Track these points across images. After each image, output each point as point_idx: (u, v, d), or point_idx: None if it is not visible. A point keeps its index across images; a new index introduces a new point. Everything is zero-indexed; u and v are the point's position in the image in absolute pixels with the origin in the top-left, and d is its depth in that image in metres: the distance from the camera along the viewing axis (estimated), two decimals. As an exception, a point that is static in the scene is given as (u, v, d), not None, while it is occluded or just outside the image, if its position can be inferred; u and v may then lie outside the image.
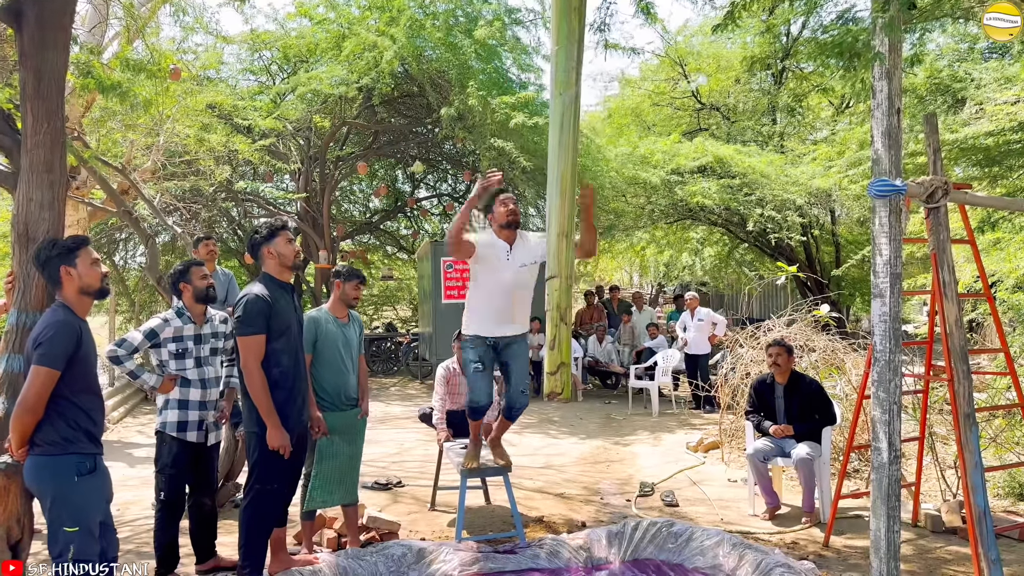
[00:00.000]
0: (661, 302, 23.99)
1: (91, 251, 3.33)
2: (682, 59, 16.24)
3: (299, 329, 4.08)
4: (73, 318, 3.22)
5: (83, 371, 3.22)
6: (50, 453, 3.13)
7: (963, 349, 4.14)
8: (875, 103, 3.61)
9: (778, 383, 5.82)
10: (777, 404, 5.80)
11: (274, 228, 4.00)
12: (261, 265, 4.04)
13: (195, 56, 11.47)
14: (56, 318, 3.18)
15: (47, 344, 3.10)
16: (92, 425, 3.25)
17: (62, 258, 3.25)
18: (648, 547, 4.49)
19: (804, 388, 5.76)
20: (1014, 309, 6.56)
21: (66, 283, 3.25)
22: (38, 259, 3.31)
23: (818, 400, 5.70)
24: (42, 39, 3.99)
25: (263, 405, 3.78)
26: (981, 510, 3.96)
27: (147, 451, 7.87)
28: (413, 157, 15.12)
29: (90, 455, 3.21)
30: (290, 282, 4.09)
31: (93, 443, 3.24)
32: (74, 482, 3.14)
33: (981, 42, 9.48)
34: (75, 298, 3.27)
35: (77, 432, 3.17)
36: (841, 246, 15.43)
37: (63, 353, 3.11)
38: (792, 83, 15.66)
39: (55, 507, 3.14)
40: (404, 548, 4.31)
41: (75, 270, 3.25)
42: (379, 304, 23.50)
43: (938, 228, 4.19)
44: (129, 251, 16.25)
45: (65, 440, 3.14)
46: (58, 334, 3.12)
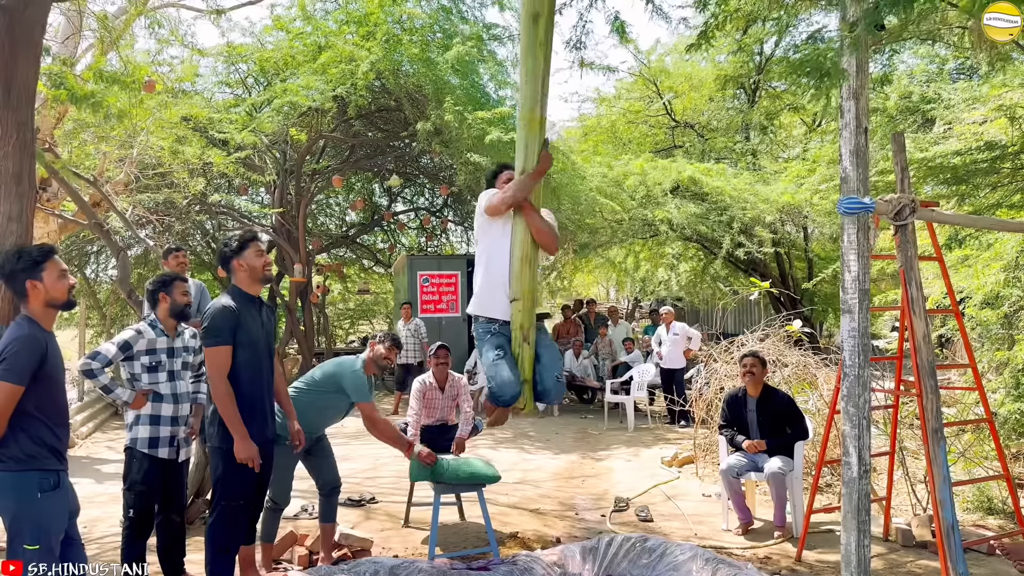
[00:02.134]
0: (637, 317, 24.08)
1: (58, 262, 3.26)
2: (656, 78, 16.43)
3: (267, 343, 4.04)
4: (39, 332, 3.16)
5: (48, 386, 3.17)
6: (12, 469, 3.06)
7: (931, 364, 4.20)
8: (843, 122, 3.67)
9: (750, 396, 5.87)
10: (749, 418, 5.83)
11: (244, 240, 3.96)
12: (232, 277, 4.01)
13: (170, 68, 11.41)
14: (21, 332, 3.12)
15: (11, 359, 3.04)
16: (56, 441, 3.19)
17: (28, 272, 3.17)
18: (622, 563, 4.49)
19: (776, 401, 5.81)
20: (982, 325, 6.67)
21: (32, 296, 3.19)
22: (2, 271, 3.23)
23: (790, 413, 5.74)
24: (12, 49, 3.96)
25: (229, 416, 3.73)
26: (950, 524, 4.01)
27: (115, 467, 7.74)
28: (390, 171, 15.10)
29: (53, 471, 3.15)
30: (259, 296, 4.05)
31: (57, 459, 3.18)
32: (36, 499, 3.08)
33: (949, 63, 9.69)
34: (41, 311, 3.21)
35: (41, 448, 3.11)
36: (814, 262, 15.62)
37: (27, 368, 3.06)
38: (765, 102, 15.89)
39: (16, 524, 3.08)
40: (376, 565, 4.27)
41: (41, 284, 3.18)
42: (355, 318, 23.41)
43: (906, 245, 4.26)
44: (100, 264, 16.07)
45: (29, 456, 3.08)
46: (23, 349, 3.06)
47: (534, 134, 3.81)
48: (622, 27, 5.10)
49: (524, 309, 3.87)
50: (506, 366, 3.86)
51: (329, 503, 4.82)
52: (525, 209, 3.85)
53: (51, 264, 3.22)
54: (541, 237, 3.87)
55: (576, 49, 4.82)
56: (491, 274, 3.96)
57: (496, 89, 12.19)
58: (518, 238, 3.85)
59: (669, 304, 15.20)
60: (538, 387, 4.02)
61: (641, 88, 17.21)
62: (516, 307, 3.88)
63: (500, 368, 3.86)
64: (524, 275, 3.86)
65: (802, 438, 5.72)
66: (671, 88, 16.46)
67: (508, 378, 3.84)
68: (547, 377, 4.02)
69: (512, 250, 3.88)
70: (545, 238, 3.88)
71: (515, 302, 3.88)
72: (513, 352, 3.91)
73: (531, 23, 3.75)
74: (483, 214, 3.99)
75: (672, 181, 12.23)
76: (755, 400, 5.84)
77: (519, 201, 3.84)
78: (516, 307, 3.88)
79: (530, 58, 3.75)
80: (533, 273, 3.92)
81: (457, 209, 17.49)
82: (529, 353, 3.92)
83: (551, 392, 4.07)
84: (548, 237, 3.89)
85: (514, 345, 3.92)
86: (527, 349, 3.91)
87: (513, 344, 3.92)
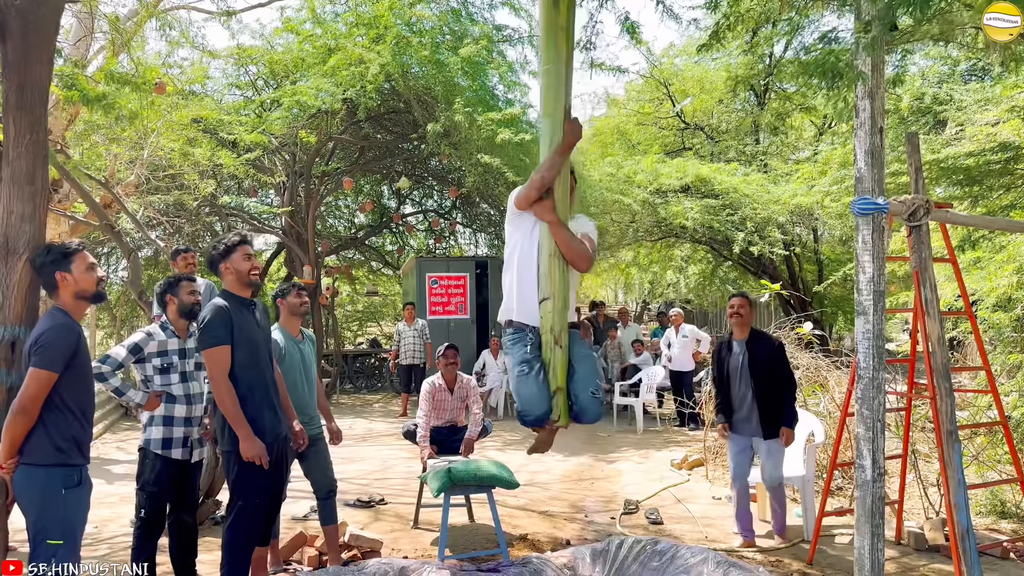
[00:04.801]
0: (646, 319, 24.05)
1: (86, 255, 3.35)
2: (667, 80, 16.40)
3: (265, 342, 4.03)
4: (72, 321, 3.26)
5: (80, 375, 3.24)
6: (41, 464, 3.11)
7: (946, 367, 4.17)
8: (858, 122, 3.64)
9: (736, 340, 5.54)
10: (734, 362, 5.48)
11: (231, 245, 3.91)
12: (222, 281, 4.00)
13: (181, 70, 11.48)
14: (55, 321, 3.21)
15: (45, 347, 3.12)
16: (83, 434, 3.26)
17: (57, 263, 3.27)
18: (632, 565, 4.46)
19: (764, 343, 5.45)
20: (994, 328, 6.62)
21: (62, 288, 3.27)
22: (34, 264, 3.37)
23: (778, 357, 5.38)
24: (26, 51, 3.98)
25: (232, 416, 3.71)
26: (964, 528, 3.97)
27: (126, 468, 7.77)
28: (399, 173, 15.13)
29: (77, 467, 3.20)
30: (250, 297, 4.00)
31: (82, 454, 3.24)
32: (61, 495, 3.13)
33: (962, 64, 9.64)
34: (71, 303, 3.30)
35: (68, 443, 3.17)
36: (824, 264, 15.57)
37: (61, 356, 3.14)
38: (775, 103, 15.84)
39: (40, 520, 3.11)
40: (386, 566, 4.26)
41: (71, 275, 3.27)
42: (363, 320, 23.45)
43: (920, 246, 4.23)
44: (111, 265, 16.13)
45: (57, 450, 3.13)
46: (58, 336, 3.15)
47: (559, 124, 3.53)
48: (632, 27, 5.10)
49: (555, 309, 3.54)
50: (532, 382, 3.49)
51: (326, 506, 4.80)
52: (552, 224, 3.51)
53: (79, 257, 3.31)
54: (570, 254, 3.52)
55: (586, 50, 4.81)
56: (518, 275, 3.64)
57: (505, 91, 12.21)
58: (547, 232, 3.54)
59: (678, 307, 15.18)
60: (573, 405, 3.60)
61: (651, 90, 17.19)
62: (546, 307, 3.56)
63: (525, 384, 3.50)
64: (554, 272, 3.53)
65: (789, 391, 5.34)
66: (681, 90, 16.44)
67: (534, 395, 3.47)
68: (582, 394, 3.59)
69: (540, 246, 3.56)
70: (573, 255, 3.52)
71: (545, 302, 3.55)
72: (544, 359, 3.54)
73: (551, 8, 3.57)
74: (513, 210, 3.66)
75: (681, 181, 12.20)
76: (742, 342, 5.50)
77: (548, 182, 3.50)
78: (546, 307, 3.56)
79: (552, 44, 3.55)
80: (564, 270, 3.56)
81: (466, 211, 17.50)
82: (562, 358, 3.55)
83: (587, 411, 3.60)
84: (577, 253, 3.53)
85: (545, 350, 3.55)
86: (559, 354, 3.54)
87: (544, 349, 3.56)
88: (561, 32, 3.55)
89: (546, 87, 3.58)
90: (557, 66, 3.54)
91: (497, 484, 5.04)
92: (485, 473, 5.01)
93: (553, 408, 3.51)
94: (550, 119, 3.56)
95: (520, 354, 3.55)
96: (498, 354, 12.42)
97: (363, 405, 13.82)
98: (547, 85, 3.57)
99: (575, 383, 3.59)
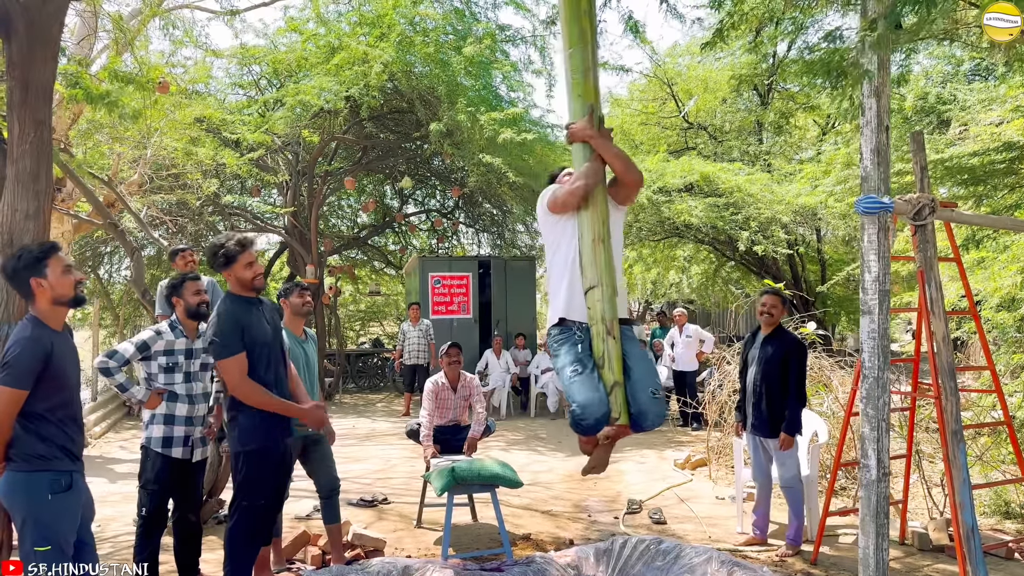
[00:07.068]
0: (648, 319, 24.04)
1: (62, 258, 3.15)
2: (670, 80, 16.38)
3: (276, 338, 3.96)
4: (44, 332, 3.07)
5: (57, 386, 3.09)
6: (24, 469, 3.03)
7: (950, 366, 4.16)
8: (864, 120, 3.63)
9: (761, 333, 5.55)
10: (752, 354, 5.51)
11: (231, 255, 3.75)
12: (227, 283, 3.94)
13: (184, 70, 11.48)
14: (24, 334, 3.04)
15: (11, 364, 2.97)
16: (69, 441, 3.14)
17: (30, 269, 3.07)
18: (636, 564, 4.45)
19: (782, 340, 5.42)
20: (998, 328, 6.61)
21: (38, 295, 3.09)
22: (5, 272, 3.14)
23: (792, 357, 5.32)
24: (30, 49, 3.98)
25: (275, 405, 3.69)
26: (969, 527, 3.96)
27: (129, 467, 7.78)
28: (401, 172, 15.12)
29: (66, 472, 3.11)
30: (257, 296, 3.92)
31: (71, 459, 3.14)
32: (47, 500, 3.03)
33: (965, 64, 9.62)
34: (48, 309, 3.12)
35: (52, 448, 3.06)
36: (827, 264, 15.54)
37: (29, 371, 2.98)
38: (779, 103, 15.82)
39: (26, 525, 3.05)
40: (389, 565, 4.26)
41: (46, 280, 3.08)
42: (366, 320, 23.44)
43: (925, 245, 4.22)
44: (114, 264, 16.16)
45: (40, 457, 3.04)
46: (24, 352, 2.98)
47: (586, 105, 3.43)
48: (636, 26, 5.10)
49: (604, 297, 3.31)
50: (587, 383, 3.21)
51: (330, 505, 4.79)
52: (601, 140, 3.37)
53: (54, 260, 3.11)
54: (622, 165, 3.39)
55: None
56: (562, 270, 3.44)
57: (508, 91, 12.20)
58: (587, 218, 3.37)
59: (681, 306, 15.16)
60: (631, 408, 3.33)
61: (655, 89, 17.17)
62: (593, 296, 3.32)
63: (579, 385, 3.22)
64: (599, 258, 3.32)
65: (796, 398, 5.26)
66: (685, 90, 16.42)
67: (590, 397, 3.17)
68: (641, 394, 3.31)
69: (582, 233, 3.37)
70: (625, 165, 3.40)
71: (592, 291, 3.32)
72: (596, 353, 3.31)
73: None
74: (547, 213, 3.50)
75: (686, 180, 12.18)
76: (765, 336, 5.51)
77: (591, 188, 3.33)
78: (593, 296, 3.32)
79: (576, 27, 3.46)
80: (609, 255, 3.36)
81: (468, 211, 17.50)
82: (616, 349, 3.30)
83: (648, 413, 3.32)
84: (629, 163, 3.41)
85: (596, 343, 3.32)
86: (613, 344, 3.29)
87: (595, 342, 3.32)
88: (584, 16, 3.52)
89: (573, 69, 3.51)
90: (584, 49, 3.48)
91: (501, 483, 5.03)
92: (489, 472, 5.00)
93: (612, 407, 3.24)
94: (578, 102, 3.49)
95: (570, 354, 3.32)
96: (500, 353, 12.42)
97: (366, 405, 13.82)
98: (573, 67, 3.51)
99: (632, 383, 3.34)
